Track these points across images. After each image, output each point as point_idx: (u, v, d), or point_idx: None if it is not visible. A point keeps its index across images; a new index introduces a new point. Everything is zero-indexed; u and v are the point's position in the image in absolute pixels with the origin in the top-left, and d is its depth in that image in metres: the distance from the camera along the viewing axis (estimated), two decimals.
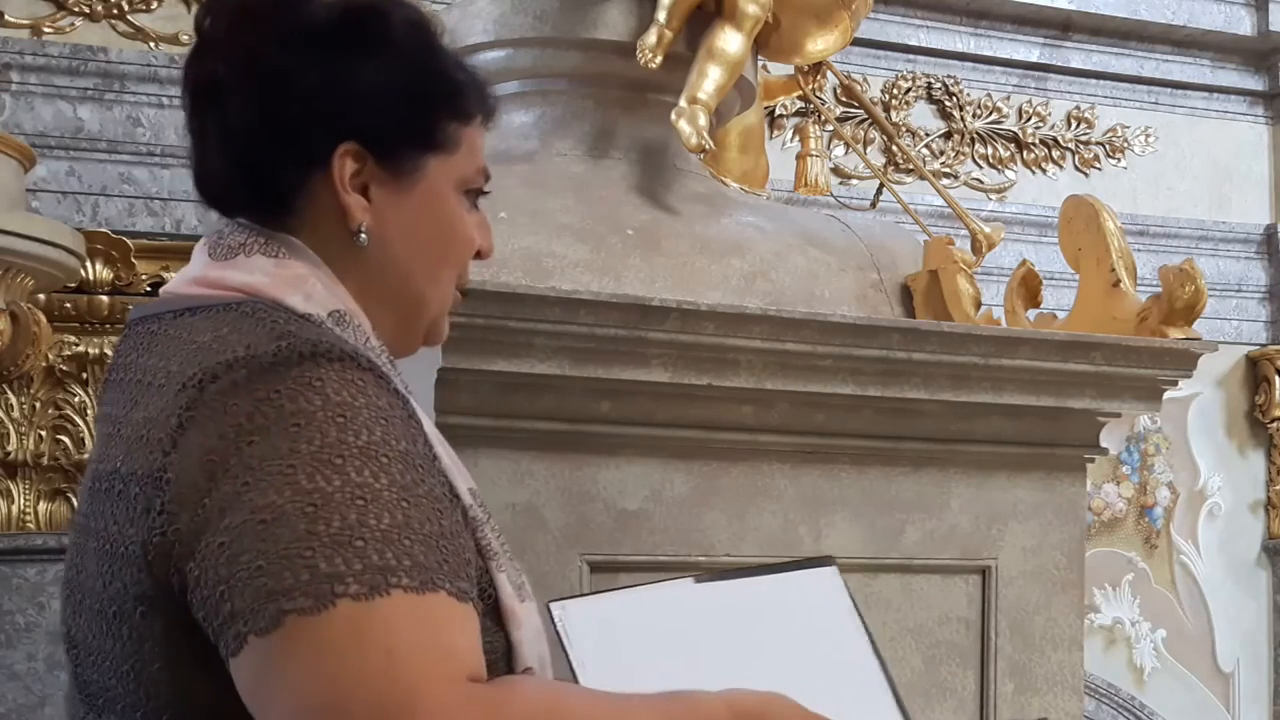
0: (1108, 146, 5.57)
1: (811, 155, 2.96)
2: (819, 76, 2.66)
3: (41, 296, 3.26)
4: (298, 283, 1.12)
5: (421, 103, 1.19)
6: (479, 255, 1.27)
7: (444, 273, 1.23)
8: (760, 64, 2.52)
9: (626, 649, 1.20)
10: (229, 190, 1.18)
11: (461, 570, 1.00)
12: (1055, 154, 5.49)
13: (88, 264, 3.27)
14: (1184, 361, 2.16)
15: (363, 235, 1.16)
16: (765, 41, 2.35)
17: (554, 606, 1.24)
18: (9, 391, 3.30)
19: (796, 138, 4.57)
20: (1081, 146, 5.54)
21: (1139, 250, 2.71)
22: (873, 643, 1.41)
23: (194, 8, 3.60)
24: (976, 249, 2.39)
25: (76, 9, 3.51)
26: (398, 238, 1.18)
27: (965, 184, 5.31)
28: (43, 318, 3.26)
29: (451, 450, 1.15)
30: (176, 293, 1.15)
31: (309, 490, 0.94)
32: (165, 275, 3.37)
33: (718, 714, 1.03)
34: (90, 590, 1.05)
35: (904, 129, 5.20)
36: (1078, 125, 5.54)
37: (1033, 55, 5.43)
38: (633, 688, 1.05)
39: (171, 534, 0.97)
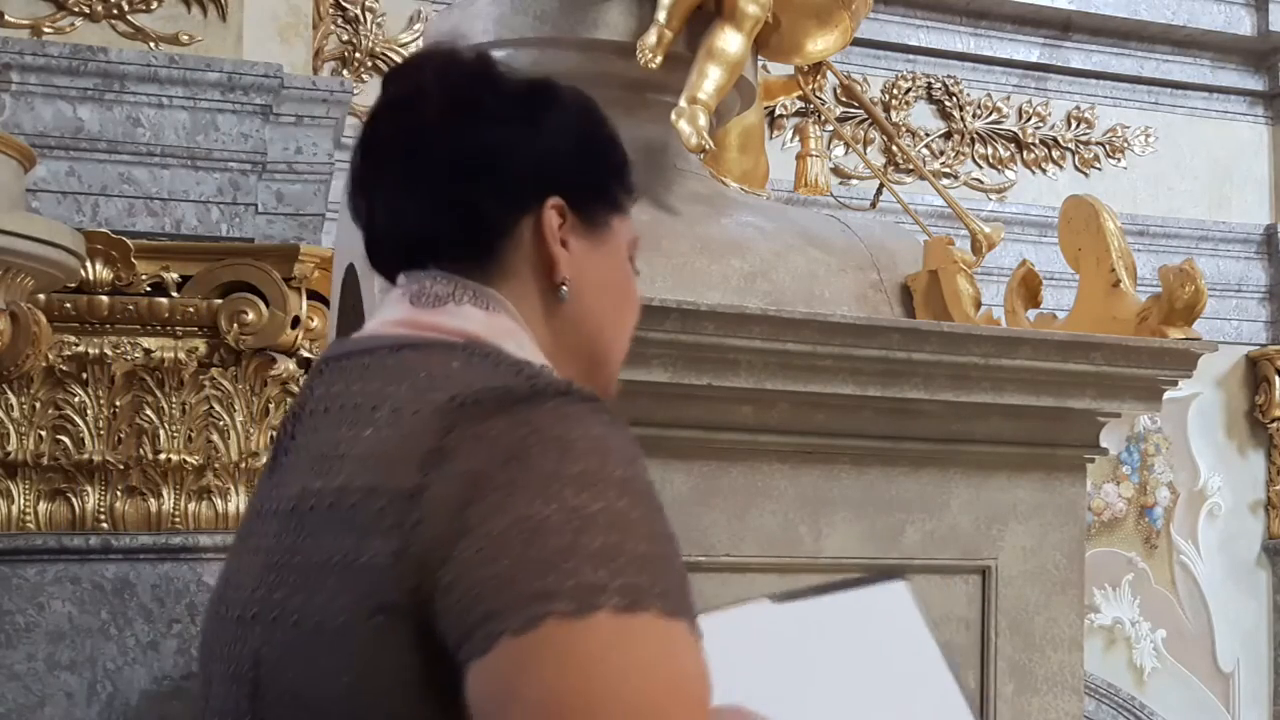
0: (1108, 146, 5.57)
1: (811, 155, 2.96)
2: (819, 76, 2.66)
3: (41, 296, 3.25)
4: (509, 334, 1.16)
5: (606, 165, 1.27)
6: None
7: (624, 332, 1.30)
8: (760, 64, 2.52)
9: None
10: (432, 238, 1.20)
11: (693, 610, 1.03)
12: (1055, 154, 5.49)
13: (88, 264, 3.26)
14: (1184, 361, 2.16)
15: (564, 288, 1.20)
16: (765, 41, 2.35)
17: None
18: (9, 391, 3.30)
19: (796, 138, 4.57)
20: (1081, 146, 5.54)
21: (1139, 250, 2.71)
22: (945, 655, 1.42)
23: (194, 8, 3.60)
24: (976, 249, 2.39)
25: (76, 9, 3.51)
26: (592, 291, 1.23)
27: (965, 184, 5.31)
28: (43, 318, 3.26)
29: None
30: (383, 333, 1.17)
31: (573, 507, 0.97)
32: (165, 275, 3.37)
33: None
34: (301, 607, 1.05)
35: (904, 129, 5.20)
36: (1078, 125, 5.54)
37: (1033, 55, 5.43)
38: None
39: (428, 542, 0.98)
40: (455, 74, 1.21)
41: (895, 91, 5.24)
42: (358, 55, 4.41)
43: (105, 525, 3.34)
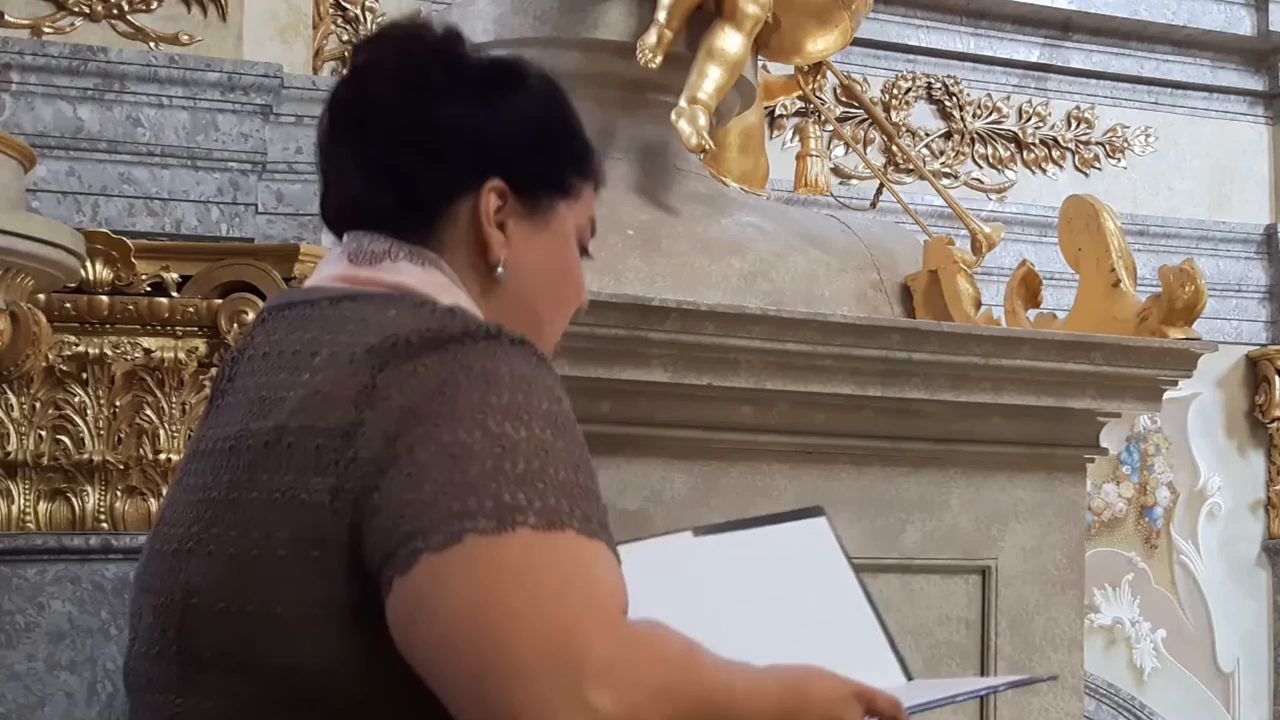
0: (1108, 146, 5.57)
1: (811, 155, 2.96)
2: (819, 76, 2.65)
3: (41, 296, 3.25)
4: (444, 289, 1.19)
5: (559, 151, 1.28)
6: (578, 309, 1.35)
7: (561, 314, 1.32)
8: (760, 64, 2.52)
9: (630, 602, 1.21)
10: (373, 205, 1.23)
11: (611, 535, 1.07)
12: (1055, 154, 5.49)
13: (88, 264, 3.26)
14: (1184, 361, 2.16)
15: (499, 269, 1.23)
16: (765, 41, 2.35)
17: None
18: (9, 391, 3.30)
19: (796, 138, 4.57)
20: (1081, 146, 5.53)
21: (1139, 250, 2.71)
22: (864, 587, 1.46)
23: (194, 8, 3.60)
24: (976, 249, 2.39)
25: (76, 9, 3.51)
26: (529, 273, 1.25)
27: (965, 184, 5.31)
28: (43, 318, 3.25)
29: None
30: (324, 286, 1.21)
31: (497, 435, 1.01)
32: (165, 275, 3.36)
33: (769, 687, 1.08)
34: (237, 540, 1.08)
35: (904, 129, 5.20)
36: (1078, 125, 5.53)
37: (1033, 55, 5.43)
38: None
39: (362, 476, 1.02)
40: (415, 50, 1.24)
41: (895, 91, 5.24)
42: None
43: (105, 525, 3.34)
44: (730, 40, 2.20)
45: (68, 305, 3.32)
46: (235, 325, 3.35)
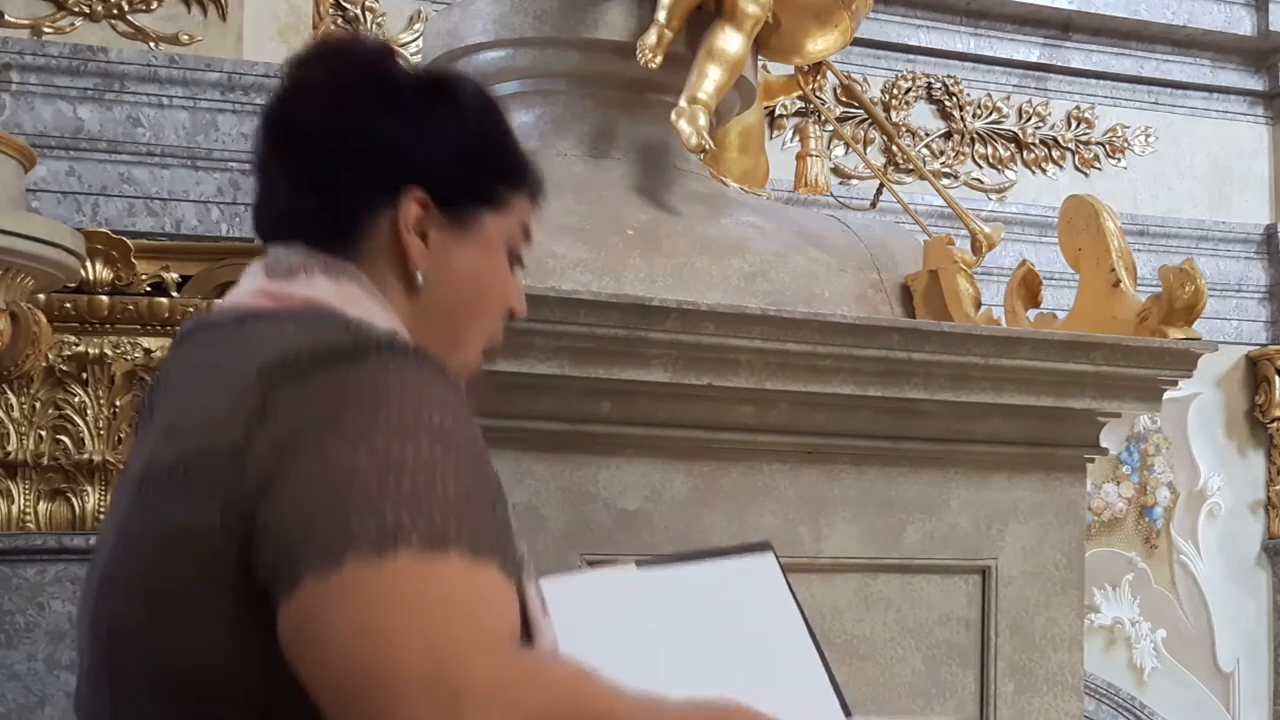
0: (1108, 146, 5.57)
1: (811, 155, 2.96)
2: (819, 76, 2.65)
3: (41, 296, 3.25)
4: (356, 301, 1.19)
5: (486, 164, 1.29)
6: (512, 315, 1.34)
7: (481, 323, 1.31)
8: (760, 64, 2.52)
9: (568, 634, 1.20)
10: (294, 217, 1.24)
11: (509, 557, 1.05)
12: (1055, 154, 5.49)
13: (88, 264, 3.26)
14: (1184, 361, 2.16)
15: (419, 277, 1.23)
16: (765, 41, 2.35)
17: None
18: (9, 391, 3.30)
19: (796, 138, 4.57)
20: (1081, 146, 5.53)
21: (1139, 250, 2.71)
22: (809, 626, 1.44)
23: (194, 8, 3.60)
24: (976, 249, 2.39)
25: (76, 9, 3.51)
26: (449, 283, 1.26)
27: (965, 184, 5.30)
28: (43, 318, 3.26)
29: None
30: (236, 304, 1.21)
31: (383, 455, 1.00)
32: (165, 275, 3.37)
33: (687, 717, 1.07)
34: (148, 575, 1.08)
35: (904, 129, 5.20)
36: (1078, 125, 5.53)
37: (1033, 55, 5.43)
38: None
39: (250, 495, 1.02)
40: (341, 67, 1.26)
41: (895, 91, 5.24)
42: None
43: None
44: (730, 40, 2.20)
45: (68, 305, 3.32)
46: None
